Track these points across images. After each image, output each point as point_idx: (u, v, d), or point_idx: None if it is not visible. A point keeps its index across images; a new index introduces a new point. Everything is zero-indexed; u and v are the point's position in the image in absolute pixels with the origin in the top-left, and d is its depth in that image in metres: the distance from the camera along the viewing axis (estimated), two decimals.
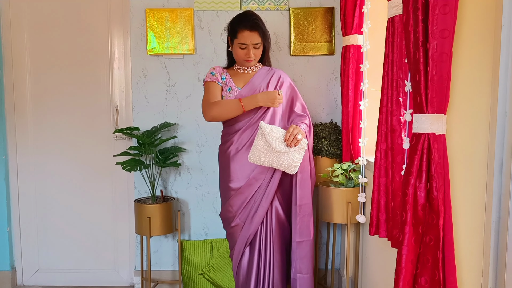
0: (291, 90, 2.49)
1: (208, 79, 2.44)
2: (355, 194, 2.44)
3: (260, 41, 2.34)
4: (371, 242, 2.43)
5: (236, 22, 2.37)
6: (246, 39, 2.31)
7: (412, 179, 1.44)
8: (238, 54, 2.38)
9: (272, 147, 2.22)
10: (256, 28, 2.32)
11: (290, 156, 2.27)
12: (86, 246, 3.15)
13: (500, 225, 1.47)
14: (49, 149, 3.09)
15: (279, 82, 2.47)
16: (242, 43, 2.33)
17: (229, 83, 2.43)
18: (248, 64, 2.42)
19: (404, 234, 1.45)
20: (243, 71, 2.46)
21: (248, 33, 2.31)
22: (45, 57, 3.03)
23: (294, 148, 2.27)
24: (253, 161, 2.29)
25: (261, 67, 2.50)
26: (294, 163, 2.29)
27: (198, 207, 3.06)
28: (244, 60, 2.39)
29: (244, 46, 2.34)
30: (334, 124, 2.83)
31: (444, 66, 1.37)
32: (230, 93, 2.40)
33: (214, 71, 2.45)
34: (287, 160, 2.27)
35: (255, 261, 2.39)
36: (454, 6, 1.35)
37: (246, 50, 2.35)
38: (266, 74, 2.46)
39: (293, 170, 2.31)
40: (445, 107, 1.41)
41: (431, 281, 1.43)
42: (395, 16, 1.73)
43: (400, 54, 1.72)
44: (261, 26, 2.34)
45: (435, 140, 1.41)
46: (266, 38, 2.39)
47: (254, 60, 2.40)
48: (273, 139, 2.22)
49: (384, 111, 1.82)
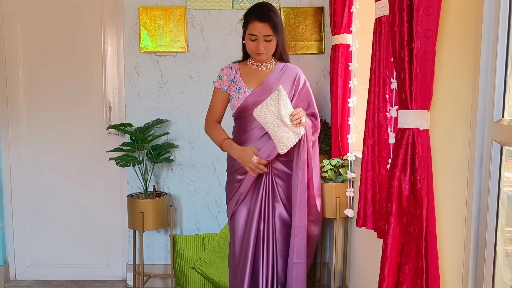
0: (305, 94, 2.37)
1: (215, 84, 2.40)
2: (344, 189, 2.51)
3: (271, 33, 2.21)
4: (359, 235, 2.50)
5: (248, 13, 2.27)
6: (256, 30, 2.21)
7: (397, 172, 1.51)
8: (249, 46, 2.26)
9: (280, 113, 2.14)
10: (266, 19, 2.20)
11: (288, 134, 2.18)
12: (78, 241, 3.18)
13: (480, 216, 1.55)
14: (42, 145, 3.12)
15: (295, 82, 2.33)
16: (252, 33, 2.22)
17: (239, 82, 2.33)
18: (259, 58, 2.29)
19: (390, 225, 1.52)
20: (257, 67, 2.35)
21: (258, 24, 2.20)
22: (38, 54, 3.06)
23: (294, 129, 2.17)
24: (258, 116, 2.19)
25: (277, 63, 2.37)
26: (287, 143, 2.18)
27: (190, 202, 3.11)
28: (255, 53, 2.27)
29: (254, 37, 2.23)
30: (323, 121, 2.89)
31: (428, 65, 1.44)
32: (240, 94, 2.31)
33: (222, 73, 2.38)
34: (283, 135, 2.17)
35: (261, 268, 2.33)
36: (437, 8, 1.42)
37: (256, 42, 2.23)
38: (280, 74, 2.33)
39: (282, 149, 2.20)
40: (428, 104, 1.48)
41: (415, 269, 1.50)
42: (382, 17, 1.80)
43: (386, 53, 1.78)
44: (273, 17, 2.21)
45: (419, 135, 1.48)
46: (278, 31, 2.24)
47: (265, 54, 2.27)
48: (283, 107, 2.15)
49: (372, 107, 1.88)
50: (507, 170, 1.49)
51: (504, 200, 1.49)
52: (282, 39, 2.31)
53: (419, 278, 1.48)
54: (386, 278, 1.52)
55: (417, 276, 1.49)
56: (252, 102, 2.28)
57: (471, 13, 1.52)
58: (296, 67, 2.40)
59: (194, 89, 3.02)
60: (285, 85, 2.28)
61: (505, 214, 1.49)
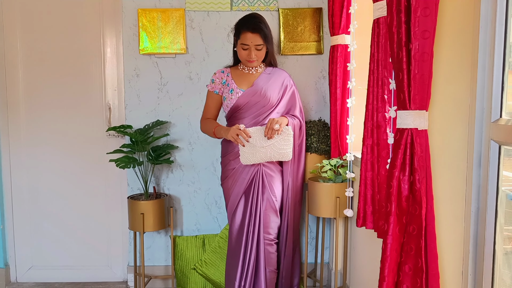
0: (291, 97, 2.61)
1: (208, 87, 2.60)
2: (343, 189, 2.52)
3: (261, 42, 2.43)
4: (359, 235, 2.51)
5: (240, 24, 2.47)
6: (248, 40, 2.41)
7: (396, 172, 1.52)
8: (241, 54, 2.48)
9: (254, 145, 2.37)
10: (258, 31, 2.41)
11: (276, 146, 2.41)
12: (79, 243, 3.19)
13: (479, 215, 1.56)
14: (42, 148, 3.12)
15: (283, 86, 2.57)
16: (244, 43, 2.43)
17: (231, 85, 2.53)
18: (250, 65, 2.52)
19: (389, 224, 1.53)
20: (247, 71, 2.56)
21: (250, 35, 2.41)
22: (37, 56, 3.06)
23: (277, 138, 2.39)
24: (246, 163, 2.43)
25: (265, 67, 2.60)
26: (282, 151, 2.43)
27: (190, 203, 3.12)
28: (247, 61, 2.48)
29: (246, 47, 2.44)
30: (322, 121, 2.90)
31: (426, 65, 1.45)
32: (232, 94, 2.50)
33: (215, 77, 2.58)
34: (274, 150, 2.41)
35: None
36: (434, 9, 1.43)
37: (248, 51, 2.45)
38: (269, 77, 2.55)
39: (286, 157, 2.47)
40: (426, 104, 1.49)
41: (415, 268, 1.51)
42: (380, 18, 1.81)
43: (385, 54, 1.79)
44: (263, 28, 2.43)
45: (417, 135, 1.49)
46: (268, 41, 2.47)
47: (257, 61, 2.49)
48: (252, 139, 2.37)
49: (370, 108, 1.89)
50: (505, 169, 1.50)
51: (502, 199, 1.50)
52: (272, 47, 2.54)
53: (418, 277, 1.49)
54: (386, 277, 1.53)
55: (417, 275, 1.50)
56: (244, 102, 2.50)
57: (468, 14, 1.54)
58: (283, 71, 2.64)
59: (194, 90, 3.03)
60: (274, 87, 2.53)
61: (504, 213, 1.51)
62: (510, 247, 1.58)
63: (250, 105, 2.50)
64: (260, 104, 2.50)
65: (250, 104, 2.50)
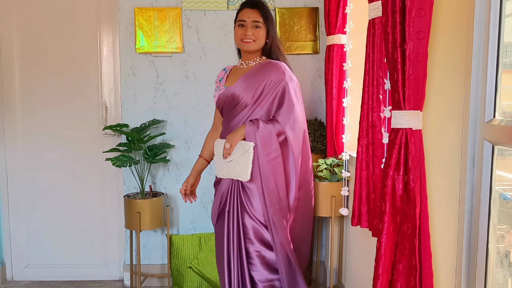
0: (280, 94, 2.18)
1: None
2: (339, 188, 2.53)
3: (260, 19, 2.16)
4: (354, 234, 2.53)
5: (241, 5, 2.26)
6: (245, 15, 2.17)
7: (391, 172, 1.53)
8: (237, 34, 2.19)
9: (220, 160, 2.20)
10: (256, 6, 2.18)
11: (235, 164, 2.15)
12: (75, 242, 3.19)
13: (472, 214, 1.57)
14: (39, 146, 3.12)
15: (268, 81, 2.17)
16: (241, 19, 2.18)
17: (222, 82, 2.31)
18: (247, 47, 2.18)
19: (384, 223, 1.54)
20: (245, 65, 2.27)
21: (248, 10, 2.18)
22: (34, 54, 3.06)
23: (235, 155, 2.13)
24: (219, 176, 2.24)
25: (262, 60, 2.25)
26: (238, 170, 2.14)
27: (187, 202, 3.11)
28: (242, 42, 2.18)
29: (242, 23, 2.17)
30: (318, 121, 2.92)
31: (420, 66, 1.46)
32: (217, 93, 2.30)
33: (217, 78, 2.38)
34: (233, 169, 2.16)
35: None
36: (429, 10, 1.44)
37: (244, 28, 2.16)
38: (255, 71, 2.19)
39: (243, 177, 2.13)
40: (421, 104, 1.50)
41: (409, 267, 1.52)
42: (375, 18, 1.82)
43: (380, 54, 1.80)
44: (262, 6, 2.19)
45: (412, 135, 1.50)
46: (269, 20, 2.19)
47: (254, 42, 2.17)
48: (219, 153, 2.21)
49: (366, 108, 1.90)
50: (498, 169, 1.52)
51: (496, 198, 1.51)
52: (274, 32, 2.23)
53: (412, 276, 1.50)
54: (380, 276, 1.54)
55: (411, 274, 1.51)
56: (219, 102, 2.25)
57: (462, 14, 1.55)
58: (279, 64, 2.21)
59: (190, 89, 3.04)
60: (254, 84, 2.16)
61: (497, 212, 1.52)
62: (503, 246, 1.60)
63: (225, 106, 2.25)
64: (231, 104, 2.21)
65: (225, 104, 2.23)
